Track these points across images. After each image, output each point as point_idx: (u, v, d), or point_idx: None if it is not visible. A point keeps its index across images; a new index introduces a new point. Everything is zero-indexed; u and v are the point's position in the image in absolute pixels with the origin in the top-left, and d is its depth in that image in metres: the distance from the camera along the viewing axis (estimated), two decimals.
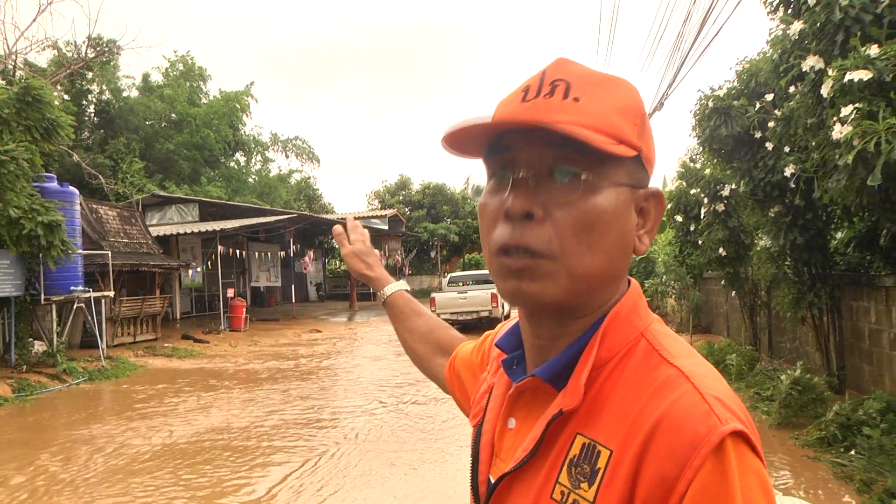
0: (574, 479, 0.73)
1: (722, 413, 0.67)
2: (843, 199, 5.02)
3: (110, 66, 27.94)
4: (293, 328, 22.09)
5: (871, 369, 7.30)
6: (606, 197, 0.76)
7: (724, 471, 0.64)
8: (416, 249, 43.52)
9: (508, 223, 0.77)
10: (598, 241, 0.76)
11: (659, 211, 0.84)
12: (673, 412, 0.68)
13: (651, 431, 0.68)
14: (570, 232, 0.75)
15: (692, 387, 0.70)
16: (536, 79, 0.80)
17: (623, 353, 0.77)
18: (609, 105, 0.77)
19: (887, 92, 4.23)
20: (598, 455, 0.72)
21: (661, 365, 0.74)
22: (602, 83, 0.79)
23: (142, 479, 6.48)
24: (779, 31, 6.08)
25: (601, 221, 0.76)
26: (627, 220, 0.79)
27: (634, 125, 0.78)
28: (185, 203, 23.81)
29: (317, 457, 7.03)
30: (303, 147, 41.16)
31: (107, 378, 12.77)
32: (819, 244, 7.76)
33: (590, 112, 0.75)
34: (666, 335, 0.80)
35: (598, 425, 0.74)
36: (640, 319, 0.81)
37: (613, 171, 0.77)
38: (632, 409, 0.71)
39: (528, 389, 0.83)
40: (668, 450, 0.66)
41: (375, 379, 12.07)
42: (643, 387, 0.73)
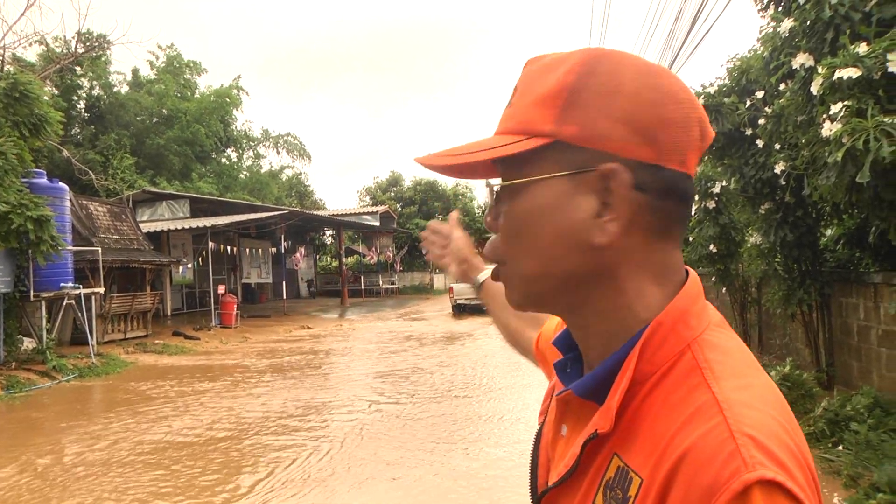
0: (608, 502, 0.68)
1: (751, 456, 0.57)
2: (833, 197, 5.05)
3: (100, 62, 27.78)
4: (284, 325, 22.05)
5: (860, 365, 7.34)
6: (528, 196, 0.73)
7: None
8: (407, 246, 43.49)
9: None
10: (530, 243, 0.73)
11: (625, 191, 0.70)
12: (697, 449, 0.60)
13: (676, 465, 0.61)
14: (506, 238, 0.76)
15: (723, 420, 0.61)
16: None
17: (667, 367, 0.69)
18: (531, 99, 0.73)
19: (875, 90, 4.25)
20: (630, 482, 0.66)
21: (699, 387, 0.65)
22: (538, 75, 0.75)
23: (130, 477, 6.46)
24: (769, 29, 6.10)
25: (527, 222, 0.73)
26: (564, 212, 0.71)
27: (556, 107, 0.71)
28: (176, 199, 23.73)
29: (308, 453, 7.03)
30: (294, 143, 41.07)
31: (97, 375, 12.72)
32: (809, 241, 7.80)
33: (512, 115, 0.75)
34: (715, 347, 0.69)
35: (633, 448, 0.67)
36: (688, 328, 0.70)
37: (533, 167, 0.72)
38: (664, 434, 0.64)
39: (572, 399, 0.77)
40: (686, 491, 0.59)
41: (367, 375, 12.06)
42: (679, 411, 0.65)
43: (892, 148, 3.89)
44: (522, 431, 7.60)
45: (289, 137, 40.82)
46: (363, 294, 38.09)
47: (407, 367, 12.73)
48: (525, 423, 7.97)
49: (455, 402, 9.39)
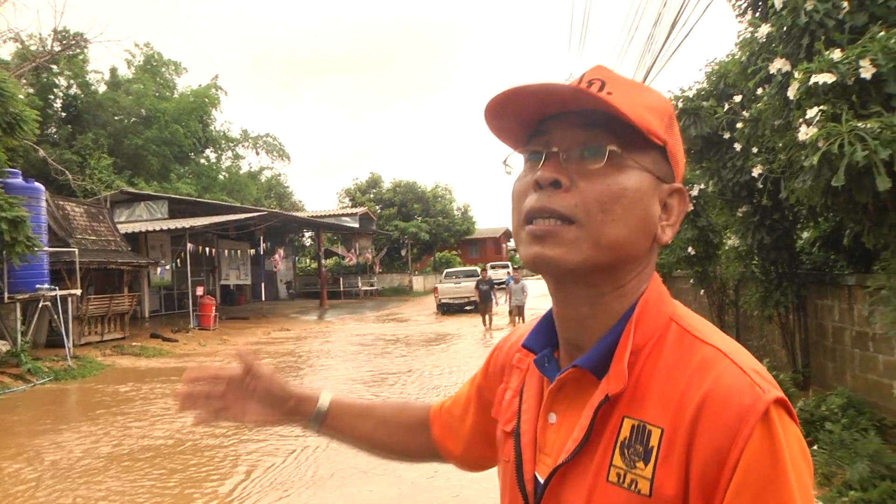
0: (628, 459, 0.76)
1: (763, 384, 0.73)
2: (809, 200, 5.11)
3: (78, 60, 27.49)
4: (263, 326, 21.94)
5: (835, 366, 7.45)
6: (630, 176, 0.81)
7: (771, 436, 0.70)
8: (386, 248, 43.47)
9: (537, 192, 0.82)
10: (621, 215, 0.80)
11: (682, 207, 0.88)
12: (718, 387, 0.73)
13: (699, 407, 0.72)
14: (595, 201, 0.80)
15: (731, 362, 0.75)
16: (576, 80, 0.85)
17: (657, 339, 0.82)
18: (639, 101, 0.82)
19: (849, 95, 4.31)
20: (650, 434, 0.76)
21: (695, 345, 0.79)
22: (634, 85, 0.85)
23: (105, 481, 6.40)
24: (747, 34, 6.16)
25: (624, 196, 0.80)
26: (650, 205, 0.83)
27: (662, 121, 0.84)
28: (155, 200, 23.52)
29: (288, 455, 7.00)
30: (273, 144, 40.91)
31: (73, 378, 12.58)
32: (786, 244, 7.89)
33: (623, 103, 0.79)
34: (692, 317, 0.85)
35: (643, 407, 0.78)
36: (666, 305, 0.86)
37: (639, 155, 0.82)
38: (675, 388, 0.76)
39: (569, 381, 0.86)
40: (718, 422, 0.71)
41: (346, 377, 12.03)
42: (683, 367, 0.77)
43: (865, 152, 3.96)
44: None
45: (268, 138, 40.66)
46: (342, 296, 37.98)
47: (389, 370, 12.71)
48: None
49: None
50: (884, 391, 6.34)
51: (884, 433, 5.74)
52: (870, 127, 4.02)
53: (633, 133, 0.81)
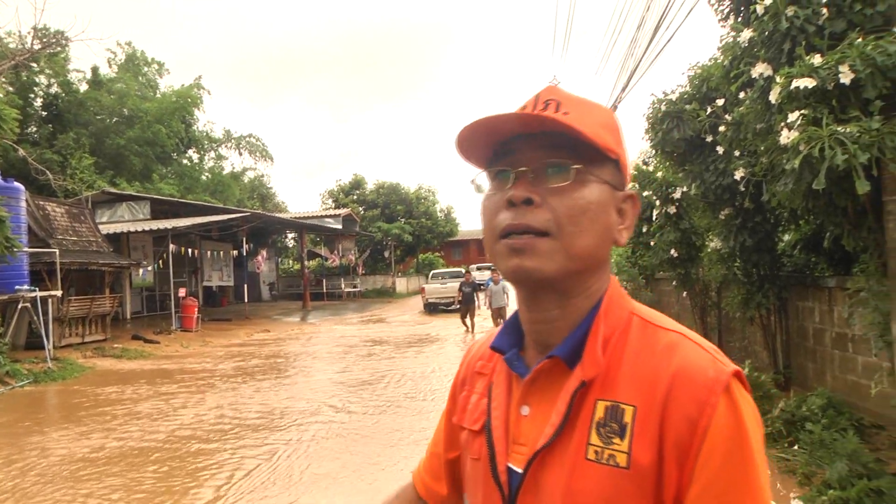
0: (605, 437, 0.85)
1: (722, 359, 0.85)
2: (791, 203, 5.17)
3: (59, 59, 27.21)
4: (246, 328, 21.84)
5: (815, 367, 7.53)
6: (593, 190, 0.90)
7: (733, 404, 0.81)
8: (369, 249, 43.33)
9: (510, 210, 0.90)
10: (588, 226, 0.89)
11: (635, 211, 0.98)
12: (686, 364, 0.84)
13: (670, 383, 0.83)
14: (564, 215, 0.88)
15: (694, 343, 0.87)
16: (531, 100, 0.94)
17: (622, 329, 0.91)
18: (594, 120, 0.92)
19: (830, 100, 4.37)
20: (623, 413, 0.85)
21: (658, 332, 0.90)
22: (586, 103, 0.94)
23: (84, 485, 6.34)
24: (729, 39, 6.22)
25: (590, 209, 0.89)
26: (610, 213, 0.93)
27: (614, 137, 0.94)
28: (137, 200, 23.33)
29: (271, 457, 6.98)
30: (256, 144, 40.72)
31: (53, 380, 12.45)
32: (767, 246, 7.96)
33: (579, 122, 0.88)
34: (651, 311, 0.95)
35: (615, 389, 0.87)
36: (627, 302, 0.96)
37: (599, 170, 0.91)
38: (645, 369, 0.86)
39: (542, 373, 0.93)
40: (687, 395, 0.81)
41: (328, 380, 12.00)
42: (649, 351, 0.88)
43: (845, 156, 4.01)
44: None
45: (251, 138, 40.46)
46: (325, 297, 37.85)
47: (371, 371, 12.69)
48: None
49: (421, 404, 9.40)
50: (862, 392, 6.43)
51: (862, 433, 5.82)
52: (849, 131, 4.08)
53: (593, 150, 0.90)
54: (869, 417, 6.29)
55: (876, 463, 4.91)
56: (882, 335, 5.04)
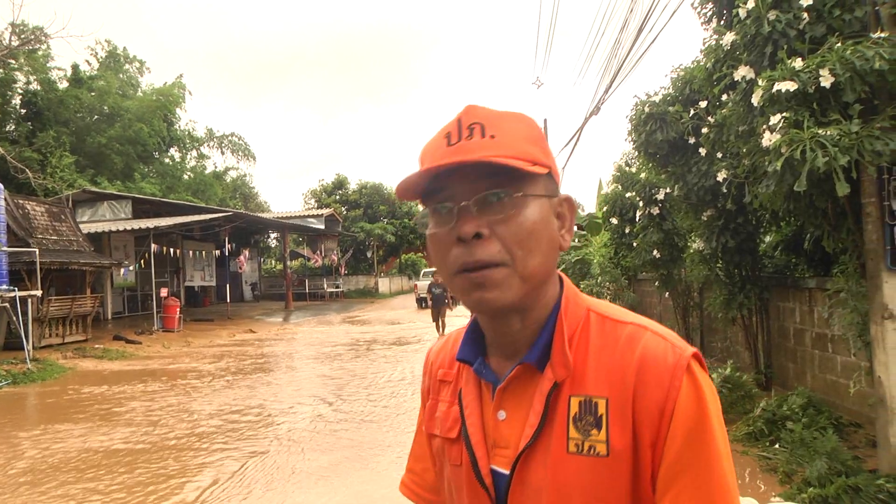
0: (582, 430, 0.90)
1: (680, 344, 0.91)
2: (772, 205, 5.24)
3: (38, 56, 26.91)
4: (228, 328, 21.73)
5: (796, 367, 7.62)
6: (533, 209, 0.93)
7: (694, 384, 0.88)
8: (352, 249, 43.21)
9: (461, 245, 0.92)
10: (536, 245, 0.92)
11: (572, 212, 1.01)
12: (648, 354, 0.89)
13: (637, 373, 0.88)
14: (514, 241, 0.91)
15: (652, 332, 0.92)
16: (454, 125, 0.95)
17: (581, 328, 0.96)
18: (518, 136, 0.94)
19: (811, 103, 4.43)
20: (596, 405, 0.90)
21: (617, 326, 0.95)
22: (509, 119, 0.95)
23: (63, 489, 6.29)
24: (712, 42, 6.27)
25: (535, 229, 0.92)
26: (551, 223, 0.96)
27: (541, 148, 0.96)
28: (118, 199, 23.14)
29: (254, 458, 6.95)
30: (238, 143, 40.49)
31: (32, 381, 12.33)
32: (749, 247, 8.04)
33: (506, 145, 0.91)
34: (607, 305, 1.00)
35: (585, 384, 0.92)
36: (582, 300, 1.01)
37: (534, 187, 0.93)
38: (610, 363, 0.91)
39: (514, 380, 0.97)
40: (653, 382, 0.87)
41: (311, 380, 11.97)
42: (612, 345, 0.93)
43: (825, 159, 4.07)
44: None
45: (233, 137, 40.23)
46: (308, 298, 37.72)
47: (355, 371, 12.68)
48: None
49: (404, 404, 9.40)
50: (841, 391, 6.52)
51: (841, 431, 5.91)
52: (829, 134, 4.14)
53: (524, 172, 0.91)
54: (847, 416, 6.38)
55: (854, 461, 4.99)
56: (860, 335, 5.11)
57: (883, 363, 4.61)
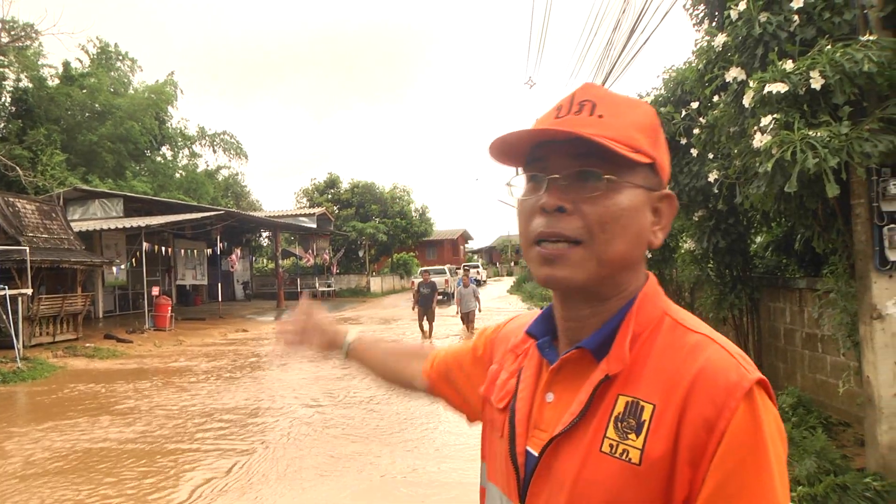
0: (621, 432, 0.86)
1: (748, 366, 0.84)
2: (763, 205, 5.27)
3: (29, 53, 26.78)
4: (220, 327, 21.68)
5: (786, 367, 7.67)
6: (625, 195, 0.91)
7: (753, 411, 0.80)
8: (344, 248, 43.12)
9: (544, 216, 0.91)
10: (620, 232, 0.90)
11: (671, 211, 0.98)
12: (709, 366, 0.83)
13: (691, 384, 0.83)
14: (597, 222, 0.89)
15: (720, 346, 0.86)
16: (567, 100, 0.95)
17: (653, 328, 0.92)
18: (628, 121, 0.92)
19: (801, 104, 4.46)
20: (642, 409, 0.85)
21: (687, 334, 0.90)
22: (623, 104, 0.95)
23: (54, 488, 6.27)
24: (704, 43, 6.30)
25: (622, 215, 0.90)
26: (644, 216, 0.93)
27: (649, 138, 0.94)
28: (109, 198, 23.05)
29: (247, 457, 6.95)
30: (230, 142, 40.38)
31: (22, 380, 12.27)
32: (740, 248, 8.07)
33: (612, 126, 0.90)
34: (684, 313, 0.95)
35: (637, 386, 0.88)
36: (662, 301, 0.96)
37: (631, 175, 0.91)
38: (668, 369, 0.86)
39: (568, 363, 0.95)
40: (707, 396, 0.81)
41: (303, 379, 11.96)
42: (674, 351, 0.88)
43: (815, 160, 4.10)
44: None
45: (225, 136, 40.12)
46: (299, 297, 37.54)
47: (347, 371, 12.67)
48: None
49: (393, 404, 9.41)
50: (830, 390, 6.56)
51: (829, 430, 5.96)
52: (820, 136, 4.17)
53: (623, 156, 0.89)
54: (836, 415, 6.43)
55: (842, 459, 5.03)
56: (850, 335, 5.15)
57: (871, 363, 4.66)
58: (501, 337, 1.21)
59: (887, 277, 4.59)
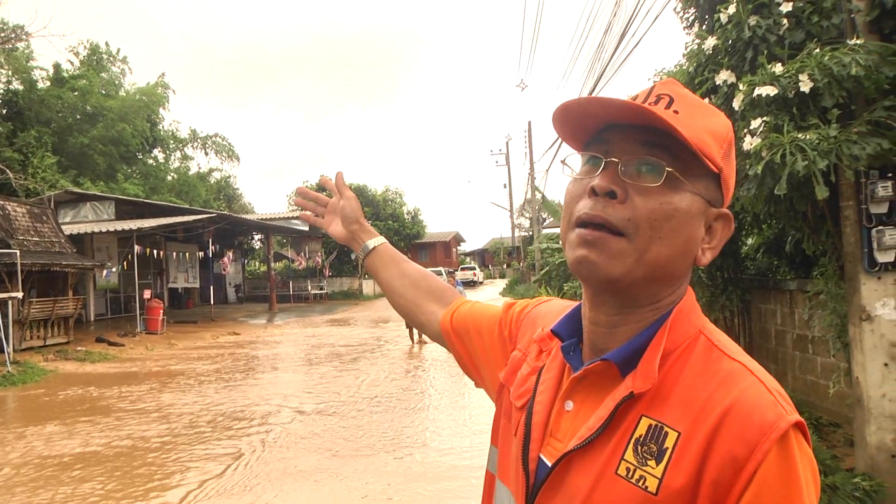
0: (640, 456, 0.79)
1: (786, 405, 0.77)
2: (753, 207, 5.30)
3: (19, 55, 26.67)
4: (212, 330, 21.61)
5: (777, 368, 7.70)
6: (683, 198, 0.84)
7: (788, 456, 0.73)
8: (336, 251, 43.06)
9: (592, 198, 0.85)
10: (667, 234, 0.83)
11: (725, 232, 0.91)
12: (743, 400, 0.76)
13: (722, 416, 0.76)
14: (645, 217, 0.83)
15: (757, 380, 0.79)
16: (645, 91, 0.89)
17: (685, 346, 0.85)
18: (703, 125, 0.86)
19: (790, 107, 4.49)
20: (666, 436, 0.79)
21: (722, 359, 0.82)
22: (700, 107, 0.88)
23: (44, 493, 6.25)
24: (694, 46, 6.33)
25: (674, 217, 0.83)
26: (697, 228, 0.86)
27: (721, 148, 0.87)
28: (101, 200, 22.98)
29: (240, 460, 6.94)
30: (222, 144, 40.29)
31: (13, 384, 12.20)
32: (731, 250, 8.10)
33: (686, 125, 0.83)
34: (721, 334, 0.88)
35: (664, 409, 0.81)
36: (698, 318, 0.89)
37: (693, 179, 0.85)
38: (699, 395, 0.79)
39: (591, 374, 0.89)
40: (738, 433, 0.74)
41: (295, 382, 11.95)
42: (708, 377, 0.81)
43: (805, 162, 4.13)
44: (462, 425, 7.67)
45: (217, 138, 40.04)
46: (291, 299, 37.56)
47: (338, 370, 12.66)
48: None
49: (386, 406, 9.41)
50: (821, 391, 6.60)
51: (820, 431, 5.99)
52: (809, 138, 4.20)
53: (692, 157, 0.83)
54: (827, 416, 6.47)
55: (832, 460, 5.06)
56: (840, 336, 5.19)
57: (860, 364, 4.69)
58: (529, 320, 1.14)
59: (876, 279, 4.62)
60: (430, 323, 1.35)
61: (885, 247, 4.52)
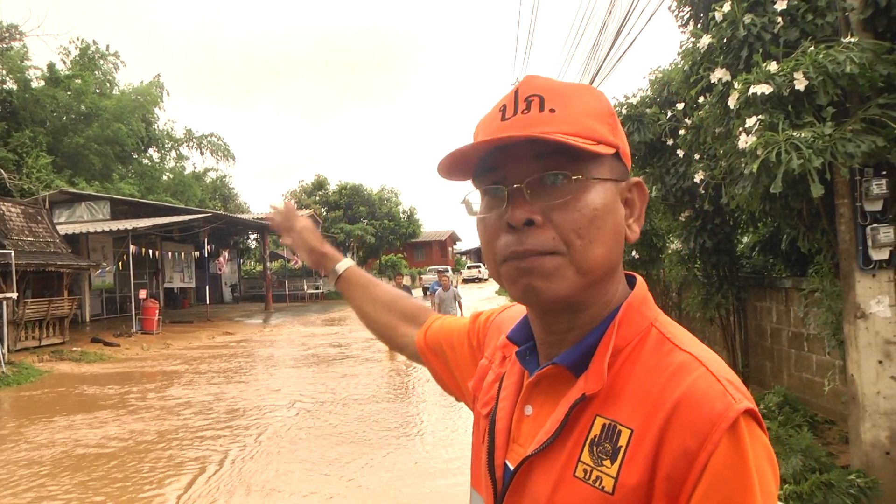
0: (596, 457, 0.79)
1: (735, 394, 0.75)
2: (749, 206, 5.30)
3: (13, 54, 26.57)
4: (207, 330, 21.58)
5: (772, 366, 7.72)
6: (596, 193, 0.82)
7: (739, 444, 0.72)
8: None
9: (511, 233, 0.82)
10: (598, 234, 0.82)
11: (643, 199, 0.90)
12: (692, 392, 0.75)
13: (672, 410, 0.75)
14: (571, 230, 0.81)
15: (707, 370, 0.77)
16: (510, 97, 0.86)
17: (636, 342, 0.84)
18: (582, 111, 0.84)
19: (785, 105, 4.50)
20: (619, 434, 0.78)
21: (673, 351, 0.81)
22: (572, 93, 0.85)
23: (39, 492, 6.24)
24: (689, 44, 6.33)
25: (596, 216, 0.82)
26: (618, 212, 0.85)
27: (608, 125, 0.85)
28: (96, 200, 22.92)
29: (233, 458, 6.93)
30: (218, 144, 40.21)
31: (7, 385, 12.17)
32: (726, 248, 8.12)
33: (567, 120, 0.82)
34: (673, 325, 0.86)
35: (616, 407, 0.80)
36: (649, 311, 0.87)
37: (597, 169, 0.83)
38: (650, 391, 0.78)
39: (545, 377, 0.88)
40: (689, 426, 0.73)
41: (290, 381, 11.93)
42: (659, 371, 0.79)
43: (800, 161, 4.14)
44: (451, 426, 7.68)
45: (212, 138, 39.95)
46: (287, 299, 37.53)
47: (329, 373, 12.65)
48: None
49: (384, 402, 9.41)
50: (816, 389, 6.62)
51: (815, 428, 6.01)
52: (804, 136, 4.21)
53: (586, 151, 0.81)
54: (822, 413, 6.49)
55: (827, 457, 5.08)
56: (835, 334, 5.20)
57: (855, 361, 4.70)
58: (494, 327, 1.15)
59: (871, 277, 4.63)
60: (406, 345, 1.36)
61: (880, 244, 4.53)
